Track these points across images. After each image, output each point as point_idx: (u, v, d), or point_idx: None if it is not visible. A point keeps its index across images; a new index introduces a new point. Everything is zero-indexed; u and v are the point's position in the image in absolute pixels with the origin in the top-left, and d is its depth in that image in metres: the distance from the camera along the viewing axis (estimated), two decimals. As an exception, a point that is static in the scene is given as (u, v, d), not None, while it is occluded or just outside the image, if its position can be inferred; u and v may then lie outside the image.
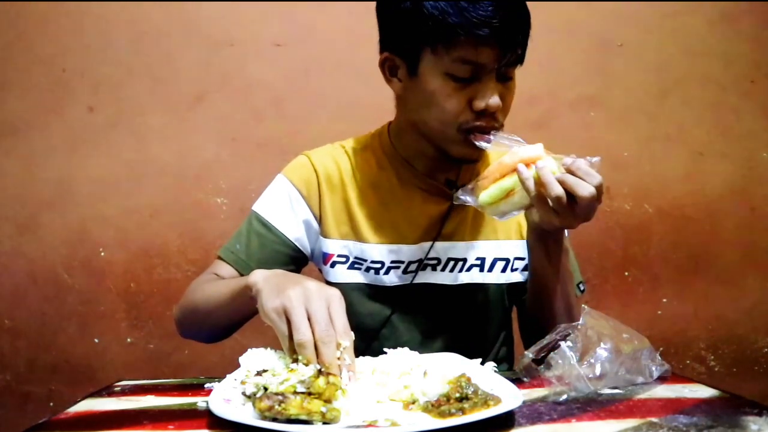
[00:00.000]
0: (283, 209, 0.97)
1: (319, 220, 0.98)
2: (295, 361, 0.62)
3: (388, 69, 0.93)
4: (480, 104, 0.84)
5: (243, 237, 0.97)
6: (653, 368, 0.73)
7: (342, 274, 0.98)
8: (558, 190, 0.73)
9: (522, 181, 0.75)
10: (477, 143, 0.85)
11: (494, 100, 0.84)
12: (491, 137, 0.83)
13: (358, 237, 0.97)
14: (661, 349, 0.76)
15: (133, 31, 1.43)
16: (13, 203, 1.42)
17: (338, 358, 0.63)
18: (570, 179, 0.74)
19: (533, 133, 1.44)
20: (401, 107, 0.96)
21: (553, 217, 0.76)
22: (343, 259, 0.98)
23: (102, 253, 1.43)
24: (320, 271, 1.02)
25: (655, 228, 1.51)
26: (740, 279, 1.52)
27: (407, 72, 0.90)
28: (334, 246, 0.97)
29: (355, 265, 0.97)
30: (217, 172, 1.45)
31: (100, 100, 1.43)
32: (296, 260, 1.00)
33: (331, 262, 0.98)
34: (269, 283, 0.72)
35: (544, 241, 0.85)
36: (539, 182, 0.75)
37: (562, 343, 0.68)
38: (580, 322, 0.69)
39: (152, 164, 1.44)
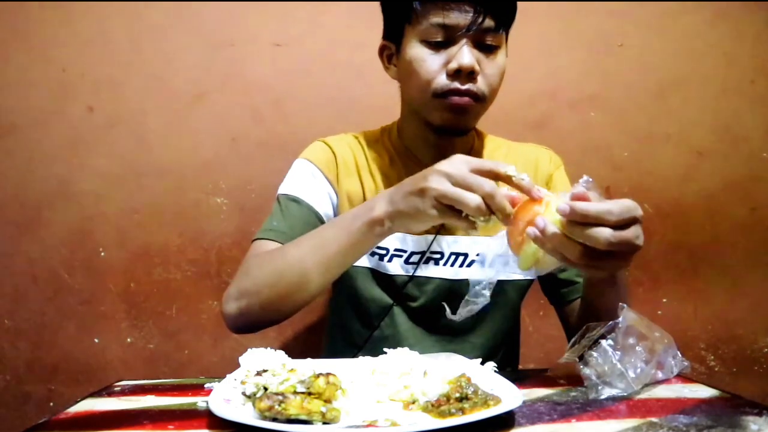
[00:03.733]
0: (309, 185, 0.99)
1: (337, 199, 1.00)
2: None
3: (386, 57, 0.99)
4: (453, 65, 0.86)
5: (279, 215, 0.96)
6: (673, 364, 0.74)
7: None
8: (574, 252, 0.60)
9: (541, 248, 0.63)
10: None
11: (467, 59, 0.85)
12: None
13: None
14: (645, 343, 0.76)
15: (133, 31, 1.43)
16: (13, 203, 1.42)
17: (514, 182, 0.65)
18: (580, 232, 0.59)
19: (533, 133, 1.45)
20: (401, 95, 0.99)
21: (593, 271, 0.65)
22: None
23: (102, 253, 1.43)
24: None
25: (655, 228, 1.51)
26: (740, 279, 1.52)
27: (396, 52, 0.94)
28: None
29: None
30: (217, 172, 1.45)
31: (100, 100, 1.43)
32: None
33: None
34: (396, 201, 0.73)
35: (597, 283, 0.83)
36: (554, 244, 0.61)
37: (603, 341, 0.68)
38: (619, 320, 0.69)
39: (152, 164, 1.44)
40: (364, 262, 0.99)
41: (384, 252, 0.97)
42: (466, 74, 0.86)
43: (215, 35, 1.44)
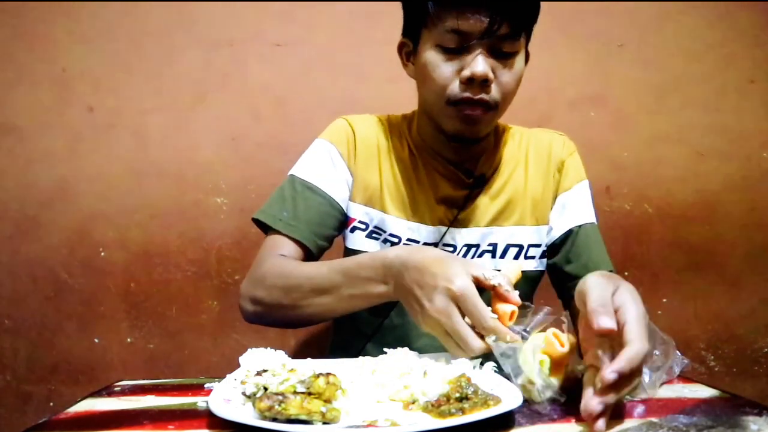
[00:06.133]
0: (326, 170, 0.98)
1: (352, 181, 0.99)
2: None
3: (404, 54, 0.97)
4: (466, 72, 0.84)
5: (288, 202, 0.95)
6: (674, 366, 0.74)
7: (360, 241, 0.98)
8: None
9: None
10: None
11: (480, 68, 0.83)
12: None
13: (381, 207, 0.98)
14: (662, 347, 0.76)
15: (133, 31, 1.43)
16: (13, 203, 1.42)
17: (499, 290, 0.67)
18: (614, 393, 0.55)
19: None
20: (418, 94, 0.98)
21: None
22: (363, 226, 0.98)
23: (102, 253, 1.43)
24: (343, 237, 1.02)
25: (655, 228, 1.51)
26: (740, 279, 1.52)
27: (413, 52, 0.94)
28: (357, 211, 0.98)
29: (374, 235, 0.98)
30: (217, 172, 1.45)
31: (100, 100, 1.43)
32: (341, 224, 0.99)
33: (351, 226, 0.99)
34: (399, 292, 0.74)
35: None
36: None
37: None
38: None
39: (152, 164, 1.44)
40: (375, 248, 0.98)
41: (396, 241, 0.97)
42: (479, 83, 0.84)
43: (215, 35, 1.44)
